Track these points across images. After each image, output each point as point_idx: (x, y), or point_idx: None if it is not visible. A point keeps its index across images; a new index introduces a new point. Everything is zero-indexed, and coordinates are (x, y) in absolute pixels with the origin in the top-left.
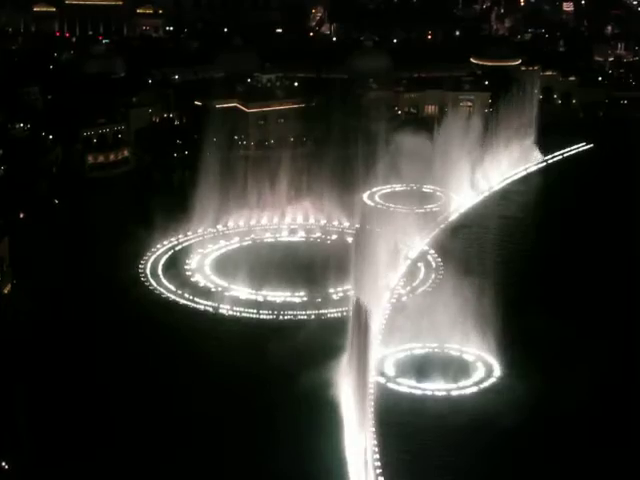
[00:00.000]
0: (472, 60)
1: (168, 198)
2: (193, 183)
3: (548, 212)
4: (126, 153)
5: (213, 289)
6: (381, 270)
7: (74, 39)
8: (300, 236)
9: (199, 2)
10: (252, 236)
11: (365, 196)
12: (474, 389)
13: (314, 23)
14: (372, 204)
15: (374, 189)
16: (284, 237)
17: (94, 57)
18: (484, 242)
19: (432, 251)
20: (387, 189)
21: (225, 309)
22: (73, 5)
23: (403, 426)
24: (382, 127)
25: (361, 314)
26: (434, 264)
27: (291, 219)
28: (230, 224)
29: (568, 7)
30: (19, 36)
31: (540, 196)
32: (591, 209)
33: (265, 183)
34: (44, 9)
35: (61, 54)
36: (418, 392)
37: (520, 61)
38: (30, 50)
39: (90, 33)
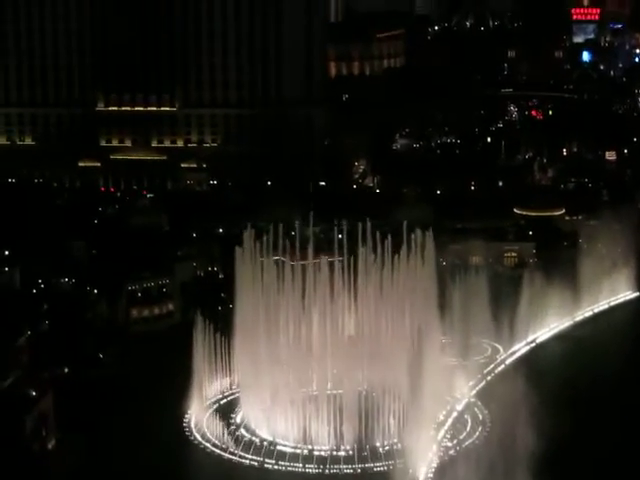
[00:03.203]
0: (515, 210)
1: (214, 351)
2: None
3: (599, 362)
4: (171, 307)
5: (258, 443)
6: (428, 423)
7: (119, 193)
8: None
9: (243, 156)
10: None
11: None
12: None
13: (357, 175)
14: None
15: None
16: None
17: (139, 211)
18: (533, 393)
19: (479, 403)
20: None
21: (270, 464)
22: (118, 160)
23: None
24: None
25: None
26: (481, 416)
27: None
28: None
29: (611, 156)
30: (64, 191)
31: (588, 346)
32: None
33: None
34: (89, 164)
35: (106, 208)
36: None
37: (564, 210)
38: (75, 205)
39: (135, 187)
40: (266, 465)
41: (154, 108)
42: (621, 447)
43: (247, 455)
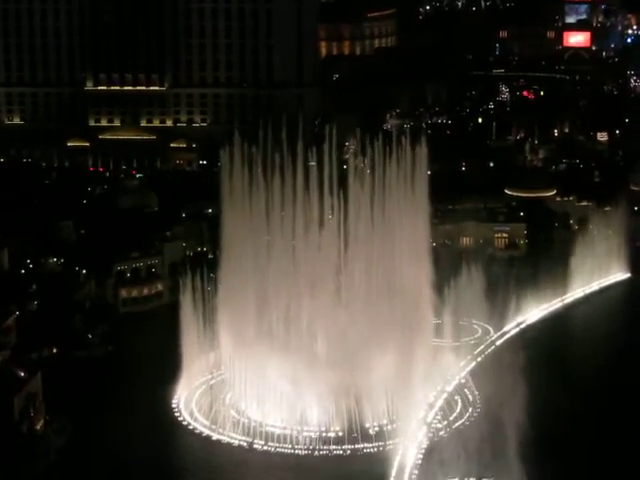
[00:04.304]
0: (506, 191)
1: (203, 332)
2: None
3: (588, 342)
4: (160, 287)
5: (247, 424)
6: (417, 404)
7: (107, 173)
8: None
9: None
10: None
11: None
12: None
13: (347, 156)
14: None
15: None
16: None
17: (127, 191)
18: (522, 374)
19: (470, 383)
20: None
21: (259, 444)
22: (107, 140)
23: None
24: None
25: None
26: (471, 397)
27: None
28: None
29: (602, 137)
30: (53, 171)
31: (579, 327)
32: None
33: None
34: (78, 144)
35: (95, 188)
36: None
37: (555, 192)
38: (64, 185)
39: (124, 167)
40: (255, 446)
41: (143, 88)
42: (610, 426)
43: (236, 435)
